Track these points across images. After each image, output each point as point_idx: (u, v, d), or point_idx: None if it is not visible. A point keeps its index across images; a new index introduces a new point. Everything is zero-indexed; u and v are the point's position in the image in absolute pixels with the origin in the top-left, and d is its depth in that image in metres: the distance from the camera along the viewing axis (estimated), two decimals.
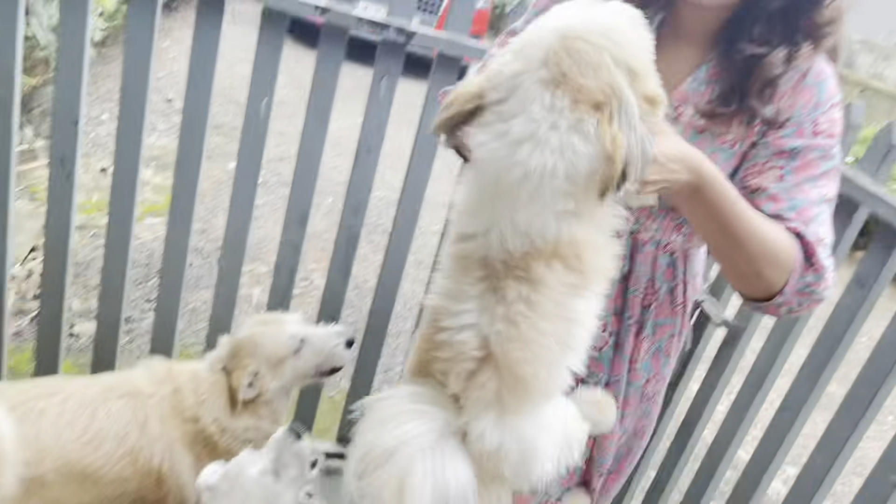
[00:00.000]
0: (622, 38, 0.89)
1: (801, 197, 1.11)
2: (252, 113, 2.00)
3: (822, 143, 1.13)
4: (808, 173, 1.13)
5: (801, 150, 1.13)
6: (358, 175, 2.12)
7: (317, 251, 3.90)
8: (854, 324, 1.73)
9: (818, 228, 1.11)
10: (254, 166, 2.08)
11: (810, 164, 1.13)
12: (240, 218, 2.15)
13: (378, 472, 0.96)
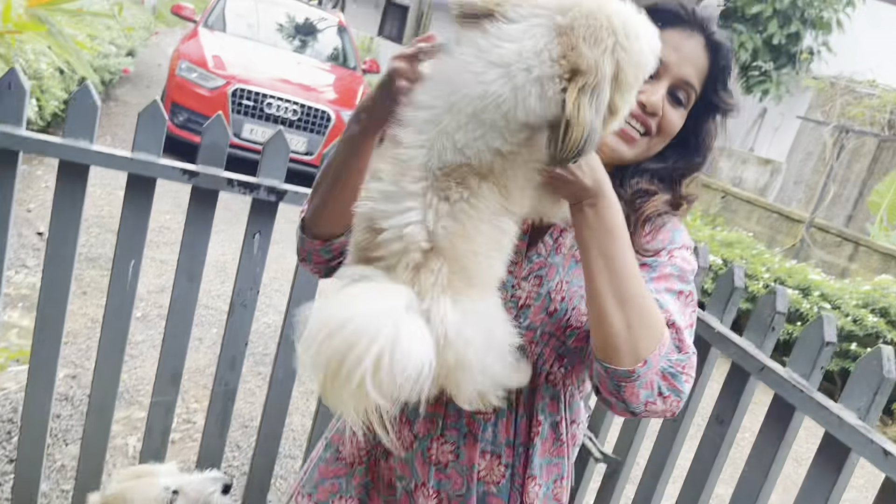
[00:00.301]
0: (634, 44, 0.96)
1: (670, 305, 1.14)
2: (119, 273, 1.95)
3: (678, 263, 1.19)
4: (668, 285, 1.17)
5: (658, 265, 1.18)
6: (233, 329, 2.09)
7: (199, 388, 3.74)
8: (718, 458, 1.81)
9: (690, 336, 1.13)
10: (123, 322, 2.01)
11: (668, 278, 1.17)
12: (111, 360, 2.05)
13: (337, 338, 0.90)
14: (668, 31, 1.19)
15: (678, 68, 1.19)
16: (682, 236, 1.23)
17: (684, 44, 1.20)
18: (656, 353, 1.06)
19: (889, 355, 1.40)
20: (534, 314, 1.20)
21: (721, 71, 1.22)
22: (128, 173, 1.86)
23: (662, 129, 1.21)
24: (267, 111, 6.98)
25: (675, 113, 1.22)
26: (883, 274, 6.41)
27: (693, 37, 1.21)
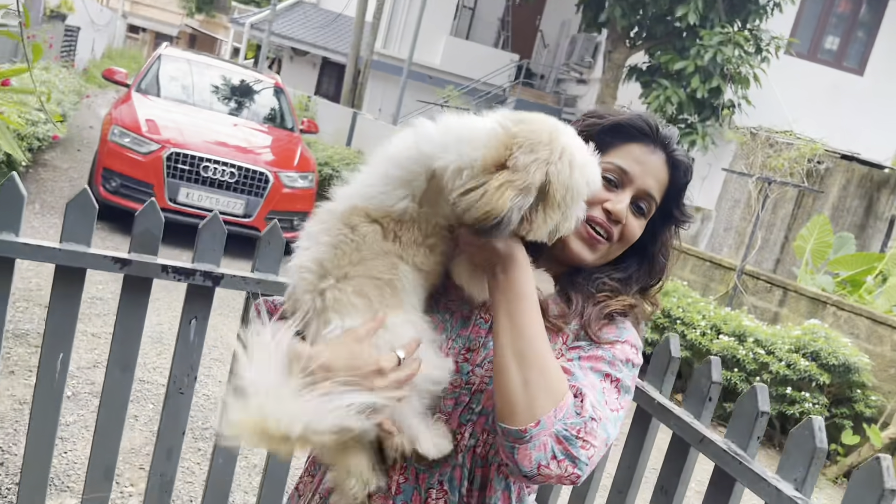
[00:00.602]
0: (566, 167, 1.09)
1: (587, 379, 1.16)
2: (47, 367, 1.87)
3: (614, 352, 1.21)
4: (594, 365, 1.19)
5: (593, 348, 1.21)
6: (169, 418, 2.02)
7: (134, 470, 3.59)
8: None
9: (597, 407, 1.12)
10: (51, 418, 1.92)
11: (598, 359, 1.20)
12: (40, 456, 1.95)
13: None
14: (633, 145, 1.29)
15: (642, 180, 1.27)
16: (629, 334, 1.26)
17: (648, 158, 1.29)
18: (551, 415, 1.07)
19: (820, 426, 1.44)
20: (486, 399, 1.22)
21: (681, 187, 1.31)
22: (55, 265, 1.80)
23: (624, 236, 1.29)
24: (203, 174, 6.90)
25: (637, 222, 1.29)
26: (812, 318, 6.65)
27: (655, 152, 1.29)
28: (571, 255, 1.27)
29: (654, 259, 1.34)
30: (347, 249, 1.14)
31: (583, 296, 1.28)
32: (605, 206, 1.25)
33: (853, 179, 10.83)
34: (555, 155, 1.09)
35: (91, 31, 22.05)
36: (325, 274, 1.14)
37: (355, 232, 1.14)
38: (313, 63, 22.08)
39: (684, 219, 1.33)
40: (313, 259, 1.16)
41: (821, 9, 13.16)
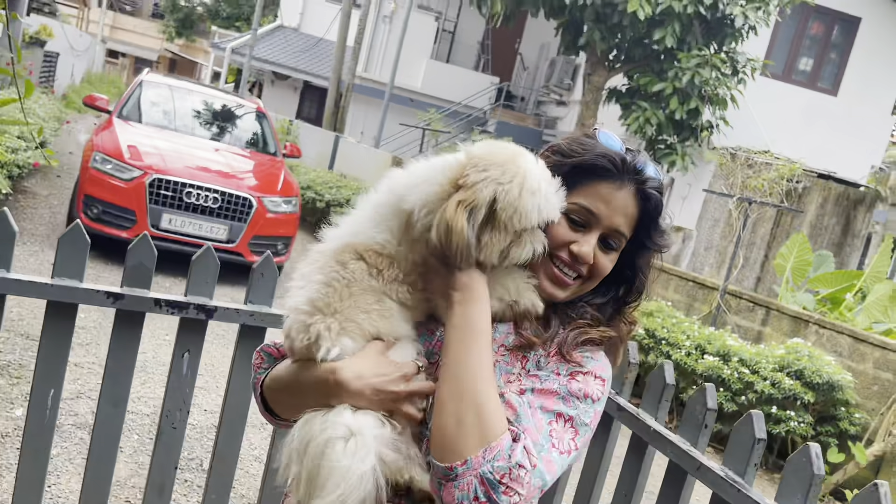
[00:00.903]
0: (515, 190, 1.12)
1: (533, 420, 1.13)
2: (38, 403, 1.84)
3: (571, 386, 1.18)
4: (545, 403, 1.16)
5: (547, 380, 1.18)
6: (161, 454, 1.99)
7: (120, 503, 3.53)
8: None
9: (537, 453, 1.10)
10: (42, 456, 1.89)
11: (550, 395, 1.16)
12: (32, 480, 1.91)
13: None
14: (599, 183, 1.26)
15: (608, 219, 1.25)
16: (595, 365, 1.23)
17: (614, 196, 1.25)
18: (479, 456, 1.04)
19: (817, 452, 1.46)
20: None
21: (652, 218, 1.28)
22: (47, 300, 1.79)
23: (593, 273, 1.28)
24: (186, 200, 6.86)
25: (607, 257, 1.28)
26: (794, 337, 6.71)
27: (623, 187, 1.26)
28: (542, 293, 1.26)
29: (632, 284, 1.33)
30: (338, 286, 1.18)
31: (561, 320, 1.28)
32: (571, 249, 1.24)
33: (830, 198, 11.00)
34: (506, 175, 1.12)
35: (70, 56, 21.96)
36: (316, 312, 1.18)
37: (346, 269, 1.18)
38: (294, 87, 22.12)
39: (658, 247, 1.31)
40: (307, 299, 1.19)
41: (794, 31, 13.44)
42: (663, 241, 1.31)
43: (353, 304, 1.17)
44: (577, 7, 10.92)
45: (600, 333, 1.26)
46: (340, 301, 1.17)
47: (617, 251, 1.29)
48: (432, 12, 19.33)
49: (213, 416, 4.46)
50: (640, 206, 1.27)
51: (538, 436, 1.11)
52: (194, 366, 1.94)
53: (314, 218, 11.48)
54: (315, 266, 1.22)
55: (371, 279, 1.18)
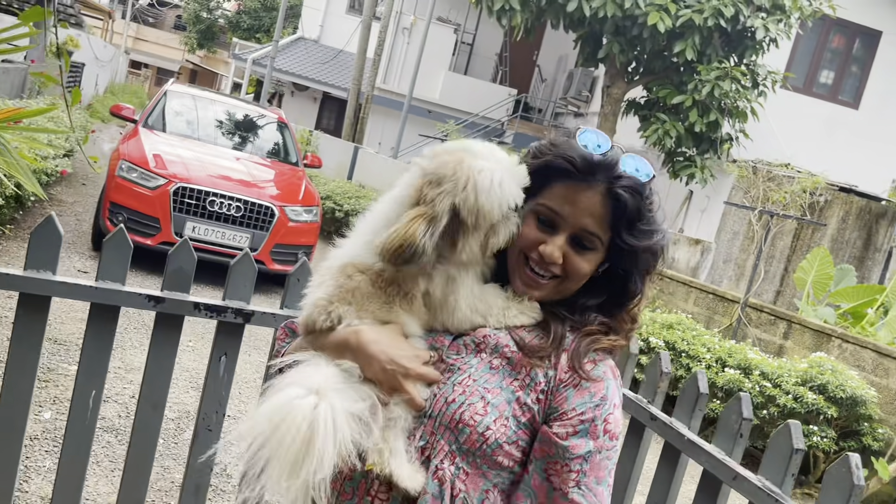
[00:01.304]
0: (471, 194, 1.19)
1: (599, 499, 1.21)
2: (80, 404, 1.88)
3: (608, 444, 1.22)
4: (598, 475, 1.21)
5: (592, 454, 1.20)
6: (198, 455, 2.02)
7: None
8: None
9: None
10: (82, 456, 1.92)
11: (600, 466, 1.21)
12: (71, 480, 1.94)
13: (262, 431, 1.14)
14: (565, 184, 1.26)
15: (575, 220, 1.25)
16: (612, 390, 1.24)
17: (579, 196, 1.25)
18: None
19: (857, 463, 1.46)
20: (436, 402, 1.23)
21: (624, 217, 1.24)
22: (90, 302, 1.82)
23: (569, 273, 1.27)
24: (209, 209, 6.94)
25: (582, 258, 1.27)
26: (817, 351, 6.66)
27: (591, 188, 1.24)
28: (518, 293, 1.29)
29: (626, 283, 1.30)
30: (347, 290, 1.27)
31: (563, 327, 1.28)
32: (540, 249, 1.26)
33: (851, 212, 10.92)
34: (459, 186, 1.20)
35: (95, 67, 22.30)
36: (334, 302, 1.27)
37: (351, 279, 1.27)
38: (314, 98, 22.30)
39: (630, 247, 1.25)
40: (325, 295, 1.28)
41: (815, 44, 13.40)
42: (636, 242, 1.25)
43: (365, 301, 1.25)
44: (597, 19, 10.95)
45: (611, 343, 1.27)
46: (353, 297, 1.26)
47: (594, 251, 1.27)
48: (451, 24, 19.45)
49: (237, 423, 4.50)
50: (611, 205, 1.24)
51: (603, 497, 1.21)
52: (231, 369, 1.97)
53: (333, 227, 11.55)
54: (325, 277, 1.31)
55: (375, 289, 1.26)
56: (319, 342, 1.28)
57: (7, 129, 2.69)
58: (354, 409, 1.16)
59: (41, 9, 1.57)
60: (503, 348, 1.26)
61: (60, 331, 5.22)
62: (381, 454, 1.18)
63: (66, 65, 1.76)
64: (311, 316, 1.29)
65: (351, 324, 1.24)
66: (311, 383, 1.16)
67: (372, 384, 1.21)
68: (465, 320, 1.27)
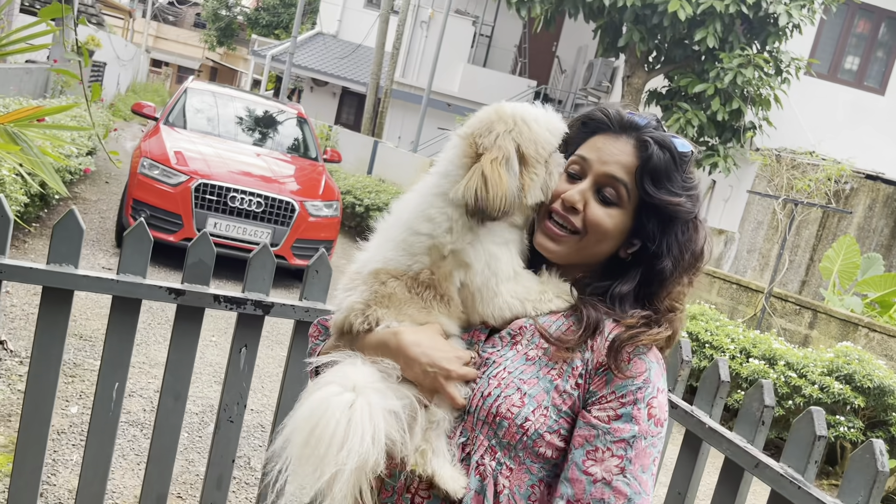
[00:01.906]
0: (524, 127, 1.23)
1: (643, 488, 1.16)
2: (103, 397, 1.90)
3: (653, 430, 1.17)
4: (643, 463, 1.16)
5: (637, 439, 1.16)
6: (220, 446, 2.04)
7: (172, 499, 3.61)
8: None
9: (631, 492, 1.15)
10: (106, 447, 1.95)
11: (645, 453, 1.17)
12: (93, 485, 1.97)
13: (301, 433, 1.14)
14: (597, 136, 1.28)
15: (600, 166, 1.24)
16: (656, 373, 1.20)
17: (609, 144, 1.25)
18: None
19: (881, 449, 1.43)
20: (473, 397, 1.21)
21: (645, 164, 1.22)
22: (112, 295, 1.84)
23: (588, 225, 1.23)
24: (231, 205, 6.99)
25: (603, 211, 1.24)
26: (843, 341, 6.57)
27: (620, 138, 1.25)
28: (539, 248, 1.27)
29: (654, 262, 1.24)
30: (384, 296, 1.25)
31: (598, 313, 1.23)
32: (561, 197, 1.25)
33: (878, 199, 10.74)
34: (509, 123, 1.23)
35: (116, 66, 22.53)
36: (371, 306, 1.25)
37: (385, 286, 1.26)
38: (333, 93, 22.36)
39: (661, 202, 1.22)
40: (361, 299, 1.27)
41: (840, 29, 13.17)
42: (659, 194, 1.22)
43: (403, 305, 1.24)
44: (616, 8, 10.85)
45: (651, 338, 1.20)
46: (391, 302, 1.24)
47: (617, 207, 1.24)
48: (469, 17, 19.39)
49: (259, 416, 4.54)
50: (640, 156, 1.23)
51: (648, 487, 1.17)
52: (251, 361, 1.99)
53: (354, 222, 11.58)
54: (354, 283, 1.30)
55: (412, 294, 1.25)
56: (357, 344, 1.27)
57: (29, 128, 2.73)
58: (392, 406, 1.15)
59: (58, 5, 1.58)
60: (540, 339, 1.23)
61: (86, 327, 5.29)
62: (423, 455, 1.18)
63: (85, 61, 1.78)
64: (346, 319, 1.27)
65: (390, 325, 1.23)
66: (348, 381, 1.15)
67: (411, 385, 1.20)
68: (504, 307, 1.24)
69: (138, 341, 5.27)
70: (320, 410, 1.12)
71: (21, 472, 1.90)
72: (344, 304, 1.30)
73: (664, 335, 1.22)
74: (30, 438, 1.88)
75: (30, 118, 2.50)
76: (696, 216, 1.25)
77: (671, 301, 1.25)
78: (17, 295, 5.42)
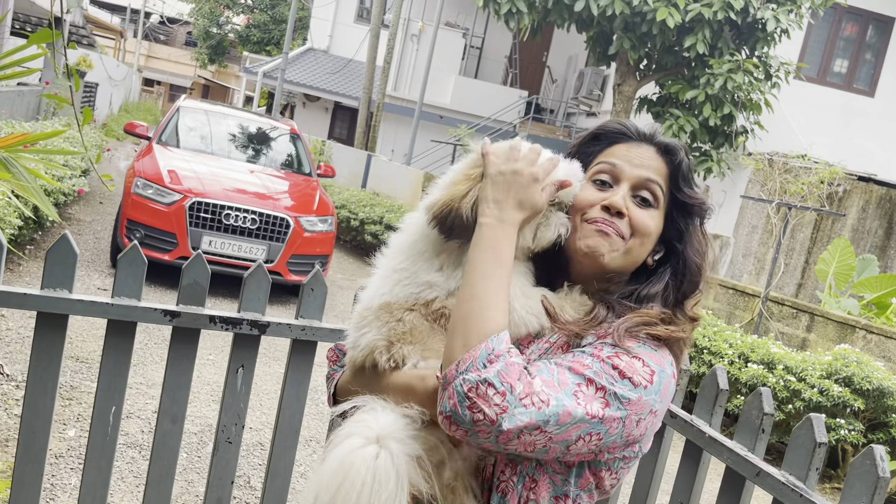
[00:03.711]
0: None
1: (556, 376, 1.09)
2: (100, 421, 1.89)
3: (606, 366, 1.11)
4: (576, 367, 1.11)
5: (584, 356, 1.13)
6: (218, 468, 2.03)
7: None
8: None
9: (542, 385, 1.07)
10: (104, 473, 1.93)
11: (583, 367, 1.11)
12: (95, 498, 1.95)
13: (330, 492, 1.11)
14: (616, 145, 1.31)
15: (633, 171, 1.27)
16: (647, 352, 1.16)
17: (633, 151, 1.29)
18: (453, 369, 1.07)
19: (882, 454, 1.43)
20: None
21: (679, 167, 1.29)
22: (107, 319, 1.84)
23: (635, 228, 1.25)
24: (225, 222, 6.99)
25: (645, 213, 1.26)
26: (841, 343, 6.57)
27: (641, 146, 1.30)
28: (586, 254, 1.24)
29: (686, 259, 1.27)
30: (404, 333, 1.23)
31: (611, 313, 1.22)
32: (602, 204, 1.25)
33: (872, 201, 10.79)
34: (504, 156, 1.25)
35: (108, 86, 22.56)
36: (395, 343, 1.23)
37: (402, 322, 1.23)
38: (325, 108, 22.41)
39: (693, 201, 1.28)
40: (382, 336, 1.24)
41: (828, 33, 13.27)
42: (694, 194, 1.28)
43: (426, 339, 1.21)
44: (605, 18, 10.91)
45: (667, 332, 1.19)
46: (413, 337, 1.22)
47: (656, 208, 1.28)
48: (459, 29, 19.47)
49: (258, 434, 4.51)
50: (666, 160, 1.29)
51: (559, 390, 1.07)
52: (248, 381, 1.98)
53: (349, 236, 11.58)
54: (367, 321, 1.27)
55: (430, 322, 1.23)
56: (378, 383, 1.24)
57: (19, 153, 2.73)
58: (416, 452, 1.13)
59: (49, 31, 1.59)
60: (545, 342, 1.22)
61: (82, 349, 5.27)
62: (453, 491, 1.17)
63: (76, 85, 1.78)
64: (369, 357, 1.25)
65: (417, 364, 1.20)
66: (370, 432, 1.13)
67: (437, 428, 1.16)
68: (520, 323, 1.21)
69: (136, 362, 5.25)
70: (345, 467, 1.10)
71: (19, 497, 1.88)
72: (361, 343, 1.27)
73: (678, 334, 1.20)
74: (27, 464, 1.87)
75: (18, 144, 2.50)
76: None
77: (691, 311, 1.27)
78: (12, 318, 5.40)
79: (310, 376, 2.06)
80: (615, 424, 1.10)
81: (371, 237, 10.48)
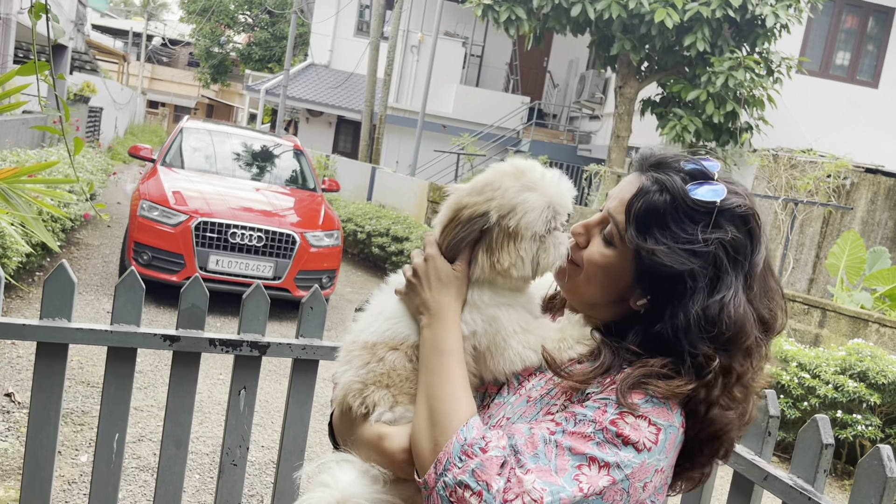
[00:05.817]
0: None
1: (555, 462, 1.03)
2: (104, 449, 1.89)
3: (608, 434, 1.04)
4: (577, 445, 1.04)
5: (583, 422, 1.06)
6: (224, 491, 2.02)
7: None
8: None
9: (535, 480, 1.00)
10: (113, 483, 1.93)
11: (584, 440, 1.04)
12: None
13: None
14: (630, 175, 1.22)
15: (607, 202, 1.19)
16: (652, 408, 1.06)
17: (624, 182, 1.20)
18: (432, 472, 1.04)
19: (889, 454, 1.41)
20: None
21: (633, 205, 1.13)
22: (108, 347, 1.84)
23: (584, 261, 1.18)
24: (232, 241, 7.01)
25: (598, 249, 1.17)
26: (854, 338, 6.51)
27: (633, 175, 1.19)
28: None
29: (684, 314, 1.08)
30: (381, 375, 1.22)
31: (618, 359, 1.13)
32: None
33: (880, 192, 10.71)
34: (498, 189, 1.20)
35: (113, 110, 22.74)
36: (369, 386, 1.21)
37: (384, 362, 1.21)
38: (329, 122, 22.50)
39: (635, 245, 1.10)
40: (357, 378, 1.23)
41: (828, 26, 13.22)
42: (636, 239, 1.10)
43: (404, 383, 1.20)
44: (604, 21, 10.92)
45: (668, 388, 1.06)
46: (389, 380, 1.20)
47: (613, 247, 1.16)
48: (459, 38, 19.53)
49: (270, 452, 4.51)
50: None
51: (557, 480, 1.01)
52: (251, 402, 1.97)
53: (356, 249, 11.59)
54: (352, 354, 1.27)
55: (413, 364, 1.20)
56: (354, 432, 1.23)
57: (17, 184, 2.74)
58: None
59: (34, 63, 1.59)
60: (548, 380, 1.15)
61: (92, 373, 5.28)
62: None
63: (66, 115, 1.79)
64: (345, 400, 1.24)
65: (382, 416, 1.18)
66: (337, 487, 1.15)
67: (406, 486, 1.15)
68: (516, 359, 1.16)
69: (146, 384, 5.26)
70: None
71: None
72: (341, 381, 1.25)
73: (683, 388, 1.06)
74: (33, 493, 1.87)
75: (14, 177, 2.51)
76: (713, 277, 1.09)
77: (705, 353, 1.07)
78: (22, 346, 5.42)
79: (312, 395, 2.06)
80: (619, 497, 1.04)
81: (378, 249, 10.49)
